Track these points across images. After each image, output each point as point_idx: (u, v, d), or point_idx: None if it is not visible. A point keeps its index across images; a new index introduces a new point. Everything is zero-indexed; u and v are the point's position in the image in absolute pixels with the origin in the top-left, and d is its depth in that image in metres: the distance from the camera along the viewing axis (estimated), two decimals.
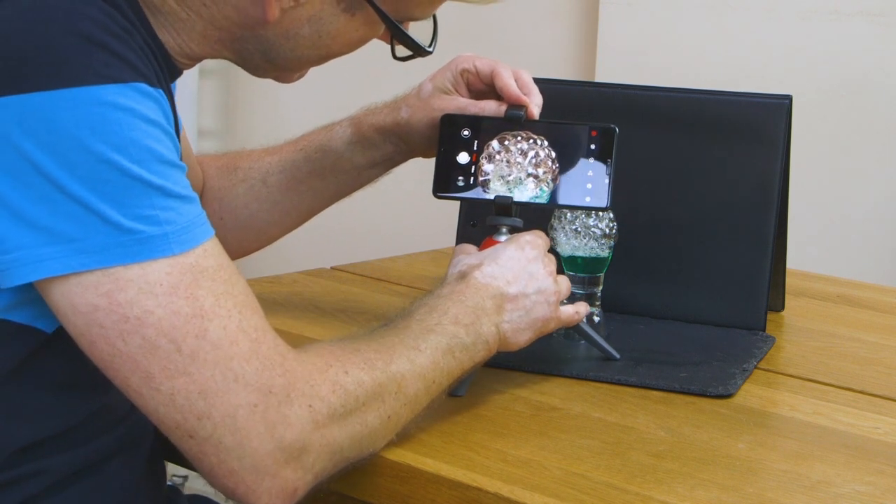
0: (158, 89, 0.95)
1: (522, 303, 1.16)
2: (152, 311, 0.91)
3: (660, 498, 0.98)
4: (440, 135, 1.29)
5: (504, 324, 1.15)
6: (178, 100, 2.76)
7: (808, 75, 2.28)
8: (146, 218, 0.91)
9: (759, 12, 2.32)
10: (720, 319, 1.44)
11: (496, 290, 1.15)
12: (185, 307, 0.92)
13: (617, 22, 2.42)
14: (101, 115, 0.90)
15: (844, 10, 2.25)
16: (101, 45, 0.91)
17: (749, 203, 1.45)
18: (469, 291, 1.14)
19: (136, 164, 0.91)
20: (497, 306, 1.14)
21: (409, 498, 1.04)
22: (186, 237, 0.93)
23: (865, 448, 1.11)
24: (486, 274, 1.16)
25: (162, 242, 0.92)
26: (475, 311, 1.12)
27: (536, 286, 1.17)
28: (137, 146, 0.91)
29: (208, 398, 0.92)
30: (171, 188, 0.93)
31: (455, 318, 1.10)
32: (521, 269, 1.17)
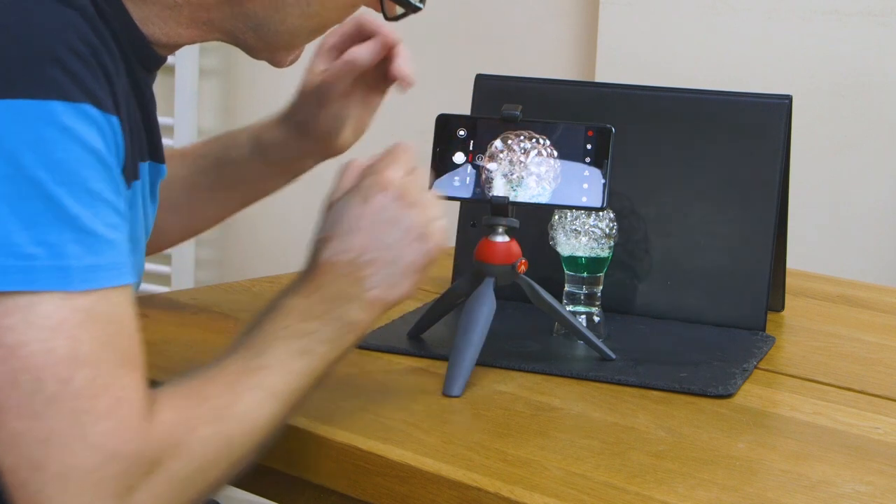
0: (112, 116, 0.93)
1: (387, 258, 1.08)
2: (28, 344, 0.87)
3: (660, 498, 0.98)
4: (435, 134, 1.30)
5: (370, 291, 1.08)
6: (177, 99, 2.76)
7: (808, 75, 2.28)
8: (51, 246, 0.88)
9: (759, 12, 2.31)
10: (720, 319, 1.44)
11: (348, 264, 1.07)
12: (61, 347, 0.88)
13: (617, 22, 2.42)
14: (38, 131, 0.88)
15: (844, 10, 2.25)
16: (56, 61, 0.89)
17: (749, 203, 1.45)
18: (318, 279, 1.07)
19: (61, 187, 0.88)
20: (355, 280, 1.07)
21: (409, 498, 1.04)
22: (89, 277, 0.90)
23: (865, 448, 1.11)
24: (336, 250, 1.08)
25: (60, 275, 0.88)
26: (329, 299, 1.06)
27: (399, 231, 1.09)
28: (67, 170, 0.89)
29: (49, 449, 0.88)
30: (90, 223, 0.90)
31: (304, 314, 1.05)
32: (373, 224, 1.08)
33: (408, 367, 1.28)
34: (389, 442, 1.07)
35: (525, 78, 1.59)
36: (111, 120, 0.93)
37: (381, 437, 1.08)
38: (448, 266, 1.59)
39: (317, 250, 1.09)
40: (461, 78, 1.70)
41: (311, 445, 1.10)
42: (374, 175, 1.11)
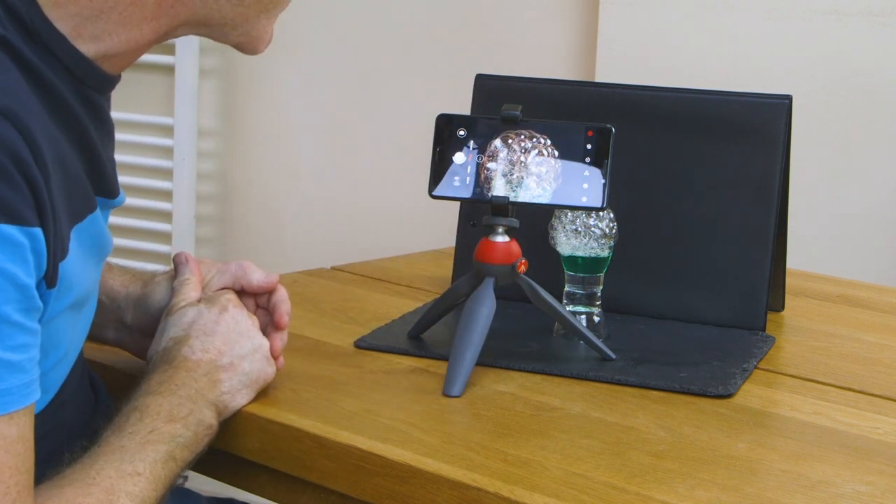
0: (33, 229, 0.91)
1: (241, 366, 1.14)
2: None
3: (660, 498, 0.98)
4: (435, 134, 1.29)
5: (224, 395, 1.12)
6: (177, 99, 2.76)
7: (808, 75, 2.27)
8: None
9: (759, 12, 2.31)
10: (720, 319, 1.44)
11: (208, 364, 1.12)
12: None
13: (617, 22, 2.42)
14: None
15: (844, 10, 2.25)
16: None
17: (749, 203, 1.45)
18: (179, 376, 1.10)
19: None
20: (211, 382, 1.11)
21: (409, 498, 1.04)
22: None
23: (865, 448, 1.11)
24: (195, 348, 1.12)
25: None
26: (190, 399, 1.09)
27: (251, 345, 1.15)
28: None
29: None
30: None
31: (170, 415, 1.06)
32: (230, 332, 1.14)
33: (408, 367, 1.28)
34: (389, 442, 1.07)
35: (525, 78, 1.59)
36: (31, 232, 0.91)
37: (381, 437, 1.08)
38: (448, 266, 1.59)
39: (173, 348, 1.12)
40: (461, 78, 1.70)
41: (311, 445, 1.10)
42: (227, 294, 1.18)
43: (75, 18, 1.02)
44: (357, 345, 1.33)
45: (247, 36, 1.12)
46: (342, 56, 2.71)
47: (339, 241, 2.67)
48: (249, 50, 1.14)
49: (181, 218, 2.79)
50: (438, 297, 1.35)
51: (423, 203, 1.48)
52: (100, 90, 1.06)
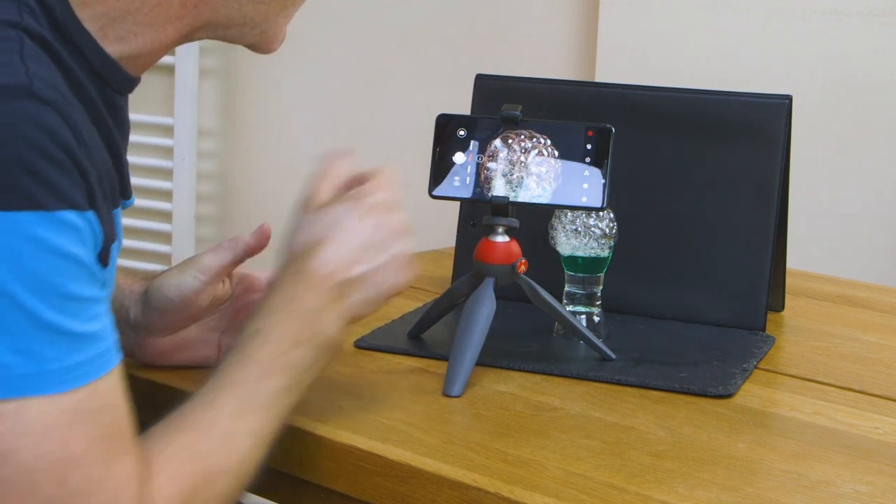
0: (88, 212, 0.92)
1: (372, 280, 1.09)
2: (19, 451, 0.87)
3: (660, 498, 0.98)
4: (435, 134, 1.29)
5: (349, 310, 1.08)
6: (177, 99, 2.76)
7: (808, 75, 2.28)
8: (27, 352, 0.88)
9: (759, 12, 2.32)
10: (720, 319, 1.44)
11: (335, 279, 1.07)
12: (54, 451, 0.89)
13: (617, 22, 2.42)
14: (8, 244, 0.87)
15: (844, 10, 2.25)
16: (30, 171, 0.88)
17: (749, 203, 1.45)
18: (304, 295, 1.06)
19: (34, 297, 0.88)
20: (338, 297, 1.07)
21: (409, 498, 1.04)
22: (71, 376, 0.90)
23: (865, 448, 1.11)
24: (324, 261, 1.07)
25: (40, 380, 0.88)
26: (313, 319, 1.06)
27: (388, 256, 1.09)
28: (39, 280, 0.88)
29: None
30: (66, 325, 0.89)
31: (293, 340, 1.05)
32: (367, 243, 1.09)
33: (408, 367, 1.28)
34: (389, 442, 1.07)
35: (525, 78, 1.59)
36: (88, 216, 0.92)
37: (381, 437, 1.08)
38: (448, 266, 1.59)
39: (304, 255, 1.08)
40: (461, 78, 1.70)
41: (311, 445, 1.10)
42: (375, 193, 1.11)
43: (102, 19, 1.02)
44: (357, 345, 1.33)
45: (264, 35, 1.12)
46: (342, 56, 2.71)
47: None
48: (264, 49, 1.14)
49: (181, 218, 2.79)
50: (438, 297, 1.35)
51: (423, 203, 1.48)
52: (121, 91, 1.07)
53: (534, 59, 2.51)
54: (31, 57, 0.93)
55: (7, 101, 0.89)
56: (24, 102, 0.89)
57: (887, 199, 2.25)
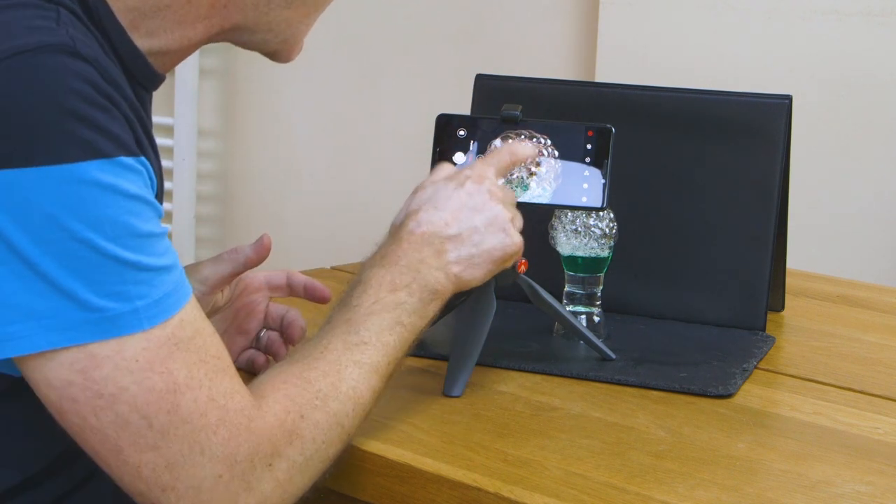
0: (141, 157, 0.95)
1: (470, 238, 1.14)
2: (127, 388, 0.91)
3: (660, 498, 0.98)
4: (435, 135, 1.30)
5: (452, 265, 1.13)
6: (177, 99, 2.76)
7: (808, 75, 2.28)
8: (117, 294, 0.91)
9: (759, 12, 2.32)
10: (720, 319, 1.44)
11: (432, 235, 1.13)
12: (159, 382, 0.92)
13: (617, 22, 2.42)
14: (78, 194, 0.89)
15: (844, 10, 2.25)
16: (84, 120, 0.90)
17: (749, 203, 1.45)
18: (402, 249, 1.12)
19: (111, 241, 0.91)
20: (437, 251, 1.12)
21: (409, 498, 1.04)
22: (159, 310, 0.93)
23: (865, 448, 1.11)
24: (421, 221, 1.13)
25: (133, 318, 0.91)
26: (412, 268, 1.11)
27: (484, 218, 1.15)
28: (113, 223, 0.91)
29: (174, 471, 0.93)
30: (146, 262, 0.93)
31: (392, 285, 1.10)
32: (462, 206, 1.14)
33: (408, 367, 1.27)
34: (389, 442, 1.07)
35: (525, 78, 1.59)
36: (142, 161, 0.95)
37: (381, 437, 1.08)
38: None
39: (402, 222, 1.14)
40: (461, 78, 1.70)
41: None
42: (471, 168, 1.18)
43: (134, 12, 1.04)
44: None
45: (285, 43, 1.15)
46: (342, 56, 2.71)
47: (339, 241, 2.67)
48: (284, 57, 1.17)
49: (181, 218, 2.79)
50: None
51: None
52: (147, 87, 1.08)
53: (534, 59, 2.51)
54: (69, 24, 0.95)
55: (51, 57, 0.91)
56: (67, 59, 0.92)
57: (887, 199, 2.26)
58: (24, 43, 0.91)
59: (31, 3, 0.95)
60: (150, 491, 0.93)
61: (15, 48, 0.91)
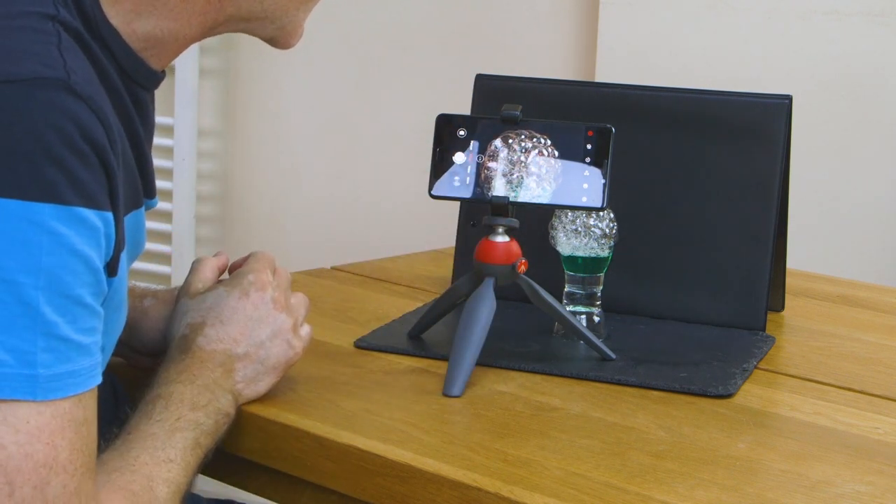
0: (106, 213, 0.92)
1: (257, 355, 1.13)
2: (5, 447, 0.87)
3: (660, 498, 0.98)
4: (435, 134, 1.30)
5: (238, 384, 1.13)
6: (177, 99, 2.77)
7: (808, 75, 2.27)
8: (23, 353, 0.88)
9: (759, 12, 2.31)
10: (720, 319, 1.44)
11: (223, 354, 1.12)
12: (40, 453, 0.89)
13: (617, 22, 2.42)
14: (23, 233, 0.87)
15: (844, 10, 2.25)
16: (55, 161, 0.88)
17: (749, 203, 1.45)
18: (195, 367, 1.10)
19: (39, 292, 0.88)
20: (226, 372, 1.12)
21: (409, 498, 1.04)
22: (57, 386, 0.89)
23: (865, 448, 1.11)
24: (209, 338, 1.12)
25: (28, 384, 0.88)
26: (208, 388, 1.10)
27: (269, 331, 1.14)
28: (48, 275, 0.88)
29: None
30: (63, 330, 0.90)
31: (193, 404, 1.08)
32: (248, 320, 1.14)
33: (408, 367, 1.28)
34: (389, 442, 1.07)
35: (525, 78, 1.59)
36: (105, 217, 0.92)
37: (381, 437, 1.08)
38: (448, 266, 1.59)
39: (189, 335, 1.12)
40: (461, 78, 1.70)
41: (312, 445, 1.10)
42: (251, 273, 1.16)
43: (129, 14, 1.04)
44: (357, 345, 1.33)
45: (282, 30, 1.14)
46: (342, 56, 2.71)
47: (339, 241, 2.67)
48: (283, 43, 1.15)
49: (181, 218, 2.79)
50: (438, 297, 1.35)
51: (423, 203, 1.48)
52: (146, 86, 1.08)
53: (534, 59, 2.51)
54: (68, 50, 0.94)
55: (44, 91, 0.89)
56: (60, 95, 0.90)
57: (887, 199, 2.25)
58: (19, 71, 0.89)
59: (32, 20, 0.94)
60: None
61: (9, 75, 0.89)
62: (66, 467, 0.90)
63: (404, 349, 1.31)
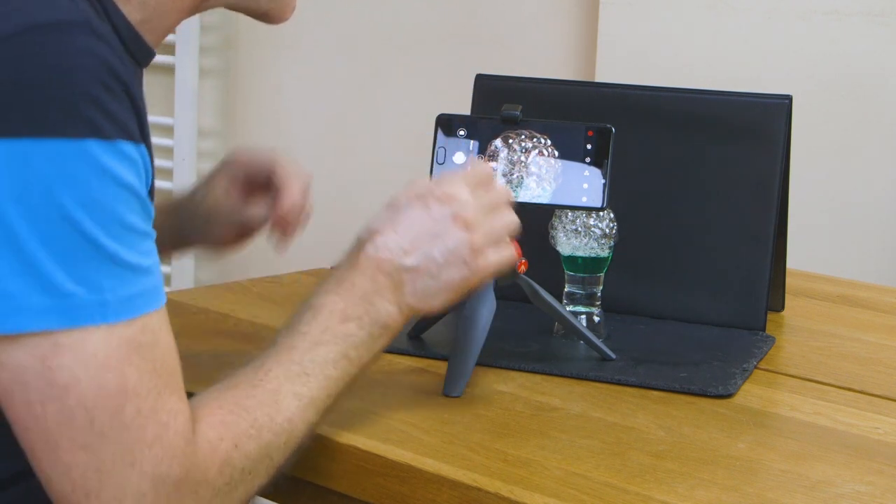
0: (141, 145, 0.95)
1: (427, 270, 1.09)
2: (80, 381, 0.90)
3: (660, 498, 0.98)
4: (435, 134, 1.30)
5: (406, 297, 1.09)
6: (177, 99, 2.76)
7: (808, 75, 2.28)
8: (90, 282, 0.90)
9: (759, 12, 2.32)
10: (720, 319, 1.44)
11: (390, 264, 1.08)
12: (111, 382, 0.91)
13: (617, 22, 2.42)
14: (75, 170, 0.89)
15: (844, 10, 2.25)
16: (92, 100, 0.90)
17: (749, 203, 1.45)
18: (357, 276, 1.08)
19: (97, 225, 0.90)
20: (394, 285, 1.08)
21: (409, 498, 1.04)
22: (127, 307, 0.92)
23: (865, 448, 1.11)
24: (379, 246, 1.08)
25: (100, 310, 0.90)
26: (366, 299, 1.07)
27: (443, 247, 1.09)
28: (103, 208, 0.91)
29: (102, 477, 0.91)
30: (125, 256, 0.92)
31: (344, 315, 1.06)
32: (424, 233, 1.09)
33: (408, 367, 1.28)
34: (389, 442, 1.07)
35: (525, 78, 1.59)
36: (141, 149, 0.95)
37: (381, 437, 1.08)
38: None
39: (362, 242, 1.10)
40: (461, 78, 1.70)
41: (311, 445, 1.10)
42: (441, 186, 1.11)
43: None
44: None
45: (276, 2, 1.14)
46: (342, 56, 2.71)
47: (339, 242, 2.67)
48: (277, 16, 1.15)
49: None
50: None
51: None
52: (140, 62, 1.08)
53: (534, 59, 2.51)
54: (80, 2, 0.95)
55: (69, 34, 0.91)
56: (84, 36, 0.92)
57: (887, 199, 2.26)
58: (43, 18, 0.91)
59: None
60: (73, 494, 0.91)
61: (33, 22, 0.91)
62: (137, 392, 0.92)
63: (404, 349, 1.31)
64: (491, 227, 1.12)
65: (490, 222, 1.12)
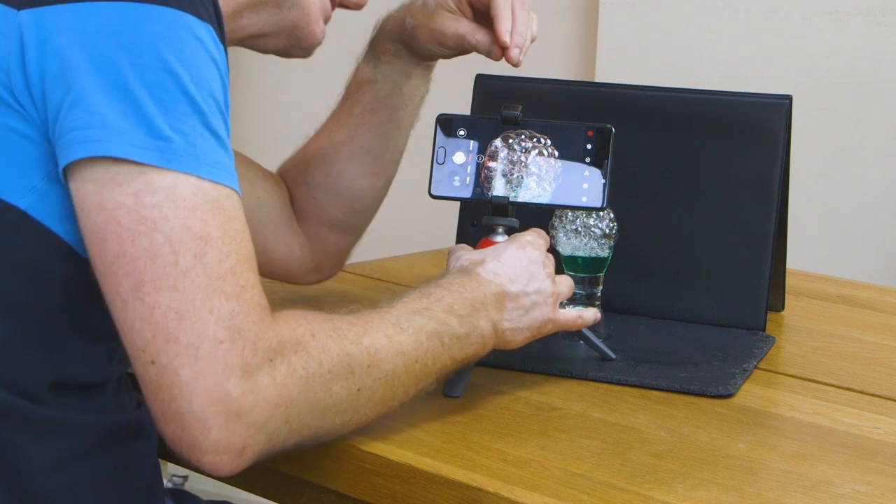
0: (220, 44, 1.00)
1: (522, 301, 1.16)
2: (169, 219, 0.93)
3: (660, 498, 0.98)
4: (435, 134, 1.30)
5: (504, 321, 1.14)
6: None
7: (808, 75, 2.28)
8: (186, 134, 0.95)
9: (760, 12, 2.32)
10: (720, 319, 1.44)
11: (498, 287, 1.14)
12: (196, 226, 0.94)
13: (617, 22, 2.42)
14: (178, 35, 0.96)
15: (844, 9, 2.25)
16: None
17: (749, 203, 1.45)
18: (471, 285, 1.13)
19: (194, 86, 0.96)
20: (498, 303, 1.14)
21: (409, 498, 1.04)
22: (214, 170, 0.96)
23: (865, 448, 1.11)
24: (489, 270, 1.15)
25: (193, 161, 0.95)
26: (473, 304, 1.12)
27: (536, 286, 1.17)
28: (200, 73, 0.97)
29: (182, 320, 0.93)
30: (213, 123, 0.98)
31: (449, 307, 1.10)
32: (523, 269, 1.17)
33: None
34: (389, 442, 1.07)
35: (525, 78, 1.59)
36: (220, 47, 1.00)
37: (381, 437, 1.08)
38: None
39: (466, 268, 1.16)
40: (461, 78, 1.70)
41: (311, 445, 1.09)
42: (530, 235, 1.21)
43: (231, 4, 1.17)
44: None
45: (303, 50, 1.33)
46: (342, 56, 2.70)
47: None
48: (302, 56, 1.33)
49: None
50: None
51: (423, 203, 1.48)
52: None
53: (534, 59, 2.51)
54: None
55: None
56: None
57: (887, 199, 2.26)
58: None
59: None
60: (154, 340, 0.93)
61: None
62: (219, 246, 0.95)
63: None
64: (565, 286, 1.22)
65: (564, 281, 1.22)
